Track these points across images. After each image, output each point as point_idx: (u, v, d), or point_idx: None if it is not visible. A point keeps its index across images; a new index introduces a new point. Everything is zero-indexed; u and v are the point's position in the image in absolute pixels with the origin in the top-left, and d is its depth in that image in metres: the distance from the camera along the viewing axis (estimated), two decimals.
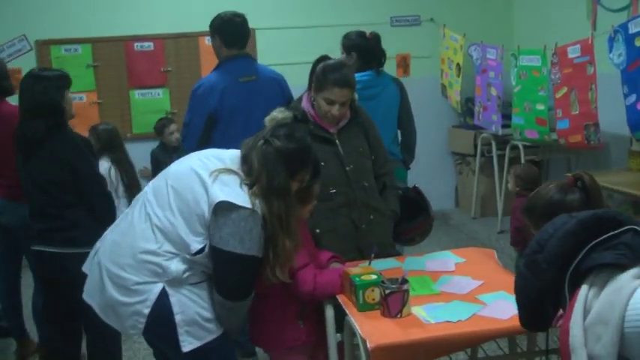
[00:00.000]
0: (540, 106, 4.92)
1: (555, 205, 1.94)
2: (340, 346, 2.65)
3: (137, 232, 2.38)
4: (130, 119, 6.13)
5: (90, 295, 2.47)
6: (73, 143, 3.21)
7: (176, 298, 2.35)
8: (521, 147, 5.41)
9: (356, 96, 3.14)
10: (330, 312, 2.53)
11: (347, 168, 2.99)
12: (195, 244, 2.31)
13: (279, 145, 2.37)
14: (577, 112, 4.56)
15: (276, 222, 2.32)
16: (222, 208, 2.27)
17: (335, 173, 2.98)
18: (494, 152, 5.87)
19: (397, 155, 4.13)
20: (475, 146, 6.22)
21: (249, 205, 2.28)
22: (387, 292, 2.33)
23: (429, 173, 6.53)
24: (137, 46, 6.10)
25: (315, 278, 2.57)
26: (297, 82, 3.82)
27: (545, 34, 5.36)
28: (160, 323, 2.35)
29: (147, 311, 2.33)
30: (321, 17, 6.27)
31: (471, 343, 2.22)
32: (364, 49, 4.04)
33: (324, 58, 3.02)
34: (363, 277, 2.45)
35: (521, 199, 4.36)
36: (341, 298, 2.52)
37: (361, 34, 4.11)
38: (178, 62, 6.12)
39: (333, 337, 2.55)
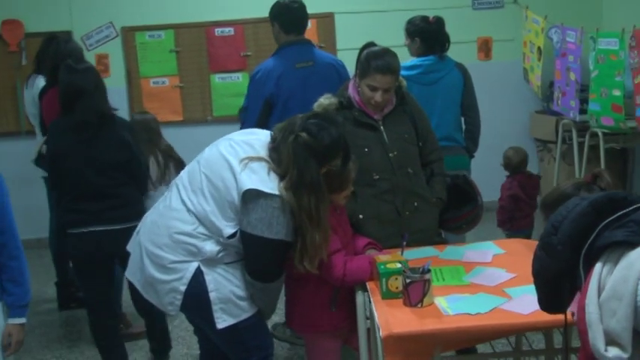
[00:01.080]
0: (617, 92, 4.70)
1: (567, 200, 1.90)
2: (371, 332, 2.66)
3: (174, 214, 2.49)
4: (210, 103, 6.29)
5: (132, 273, 2.61)
6: (128, 125, 3.42)
7: (211, 277, 2.45)
8: (600, 134, 5.18)
9: (404, 82, 3.13)
10: (360, 298, 2.56)
11: (390, 154, 2.99)
12: (228, 228, 2.41)
13: (309, 140, 2.39)
14: None
15: (305, 216, 2.38)
16: (251, 195, 2.35)
17: (379, 159, 2.99)
18: (575, 139, 5.64)
19: (460, 142, 4.07)
20: (557, 133, 6.01)
21: (277, 192, 2.35)
22: (408, 281, 2.33)
23: None
24: (218, 31, 6.24)
25: (346, 264, 2.60)
26: None
27: (629, 15, 5.10)
28: (196, 300, 2.46)
29: (183, 288, 2.45)
30: (403, 1, 6.17)
31: (487, 336, 2.18)
32: (427, 33, 4.01)
33: (369, 45, 3.02)
34: (388, 265, 2.46)
35: (509, 180, 4.59)
36: (369, 285, 2.54)
37: (424, 18, 4.07)
38: (258, 47, 6.22)
39: (363, 323, 2.57)
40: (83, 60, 3.81)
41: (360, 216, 2.98)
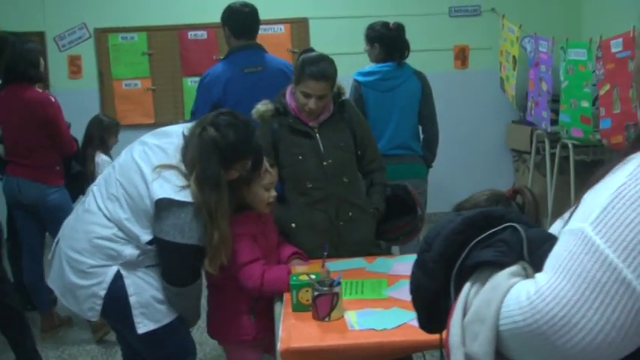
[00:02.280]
0: (585, 104, 4.61)
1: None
2: None
3: (92, 218, 2.47)
4: (182, 106, 6.25)
5: (52, 281, 2.57)
6: None
7: (131, 280, 2.44)
8: (570, 146, 5.10)
9: (344, 89, 3.06)
10: (278, 309, 2.49)
11: (325, 163, 2.93)
12: (145, 235, 2.41)
13: (215, 135, 2.37)
14: (618, 110, 4.24)
15: (204, 211, 2.34)
16: (164, 204, 2.34)
17: (312, 168, 2.93)
18: (547, 150, 5.56)
19: (417, 151, 4.03)
20: (531, 143, 5.93)
21: (188, 199, 2.33)
22: (316, 294, 2.27)
23: (486, 170, 6.35)
24: (191, 34, 6.22)
25: (264, 274, 2.56)
26: (349, 72, 3.91)
27: (597, 25, 5.02)
28: (116, 305, 2.45)
29: (103, 293, 2.43)
30: (378, 7, 6.10)
31: (389, 354, 2.09)
32: (387, 39, 3.95)
33: (307, 50, 2.97)
34: (301, 277, 2.40)
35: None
36: (286, 297, 2.48)
37: (385, 24, 4.02)
38: None
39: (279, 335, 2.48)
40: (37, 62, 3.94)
41: (293, 224, 2.93)
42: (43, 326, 4.19)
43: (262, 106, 2.96)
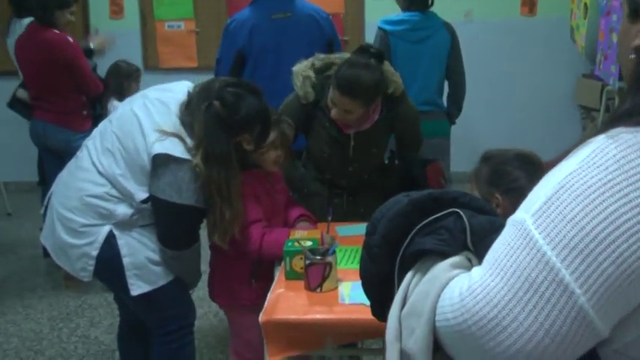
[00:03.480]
0: None
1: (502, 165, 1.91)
2: None
3: (84, 175, 2.48)
4: None
5: (45, 237, 2.60)
6: None
7: (124, 241, 2.44)
8: None
9: (399, 87, 2.88)
10: (277, 274, 2.46)
11: (350, 168, 2.94)
12: (140, 193, 2.41)
13: (222, 111, 2.35)
14: None
15: (214, 190, 2.34)
16: (161, 159, 2.33)
17: (335, 166, 2.96)
18: None
19: (442, 107, 3.99)
20: (600, 100, 5.64)
21: (187, 157, 2.32)
22: (307, 262, 2.24)
23: (552, 127, 6.12)
24: None
25: (263, 237, 2.55)
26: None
27: None
28: (109, 266, 2.46)
29: (95, 253, 2.44)
30: None
31: (375, 333, 2.03)
32: None
33: (362, 49, 2.78)
34: (297, 243, 2.37)
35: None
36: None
37: None
38: None
39: None
40: None
41: (305, 190, 2.99)
42: (67, 274, 4.30)
43: (304, 85, 2.83)
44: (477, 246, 1.15)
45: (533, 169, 1.88)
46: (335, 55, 2.93)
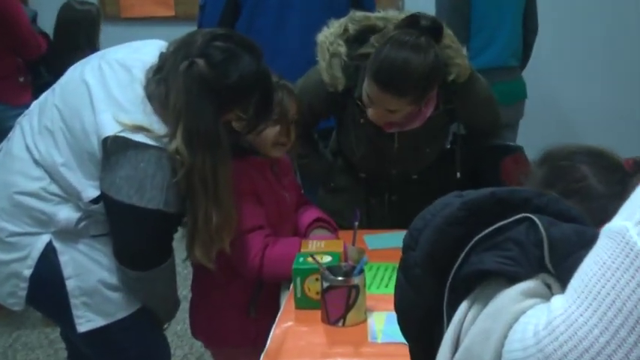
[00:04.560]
0: None
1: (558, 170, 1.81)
2: None
3: (15, 165, 2.46)
4: None
5: None
6: None
7: (68, 256, 2.41)
8: None
9: (465, 71, 2.84)
10: (284, 302, 2.48)
11: (393, 171, 2.99)
12: (90, 189, 2.37)
13: (208, 72, 2.31)
14: None
15: (198, 184, 2.33)
16: (117, 144, 2.29)
17: (372, 167, 3.02)
18: None
19: (520, 61, 4.24)
20: None
21: (153, 142, 2.29)
22: (326, 285, 2.24)
23: None
24: None
25: (265, 249, 2.55)
26: None
27: None
28: (47, 291, 2.44)
29: (28, 273, 2.42)
30: None
31: None
32: None
33: (412, 21, 2.69)
34: (311, 259, 2.37)
35: None
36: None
37: None
38: None
39: None
40: None
41: (332, 184, 3.08)
42: None
43: (331, 67, 2.80)
44: (558, 266, 1.15)
45: (607, 166, 1.87)
46: (378, 14, 2.88)
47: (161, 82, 2.36)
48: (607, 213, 1.13)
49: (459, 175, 2.98)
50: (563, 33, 5.74)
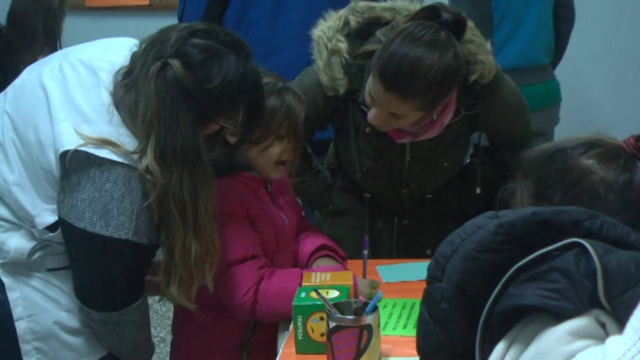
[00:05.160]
0: None
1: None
2: None
3: None
4: None
5: None
6: None
7: (19, 294, 2.42)
8: None
9: (490, 70, 2.87)
10: (282, 345, 2.48)
11: (405, 190, 3.01)
12: (45, 215, 2.37)
13: (183, 75, 2.28)
14: None
15: (174, 209, 2.31)
16: (77, 160, 2.29)
17: (379, 187, 3.04)
18: None
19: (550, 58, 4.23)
20: None
21: (120, 159, 2.28)
22: (332, 325, 2.22)
23: None
24: None
25: (260, 284, 2.56)
26: None
27: None
28: None
29: None
30: None
31: None
32: None
33: (431, 12, 2.69)
34: (314, 294, 2.37)
35: None
36: (292, 326, 2.46)
37: None
38: None
39: None
40: None
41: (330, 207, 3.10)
42: None
43: (329, 66, 2.82)
44: (614, 301, 1.15)
45: (605, 152, 1.81)
46: (384, 4, 2.88)
47: (130, 88, 2.34)
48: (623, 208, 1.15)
49: (478, 190, 2.96)
50: (602, 25, 5.79)
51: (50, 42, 4.48)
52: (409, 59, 2.53)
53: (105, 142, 2.26)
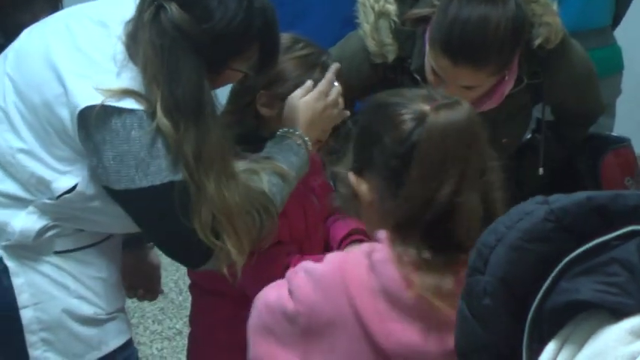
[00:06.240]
0: None
1: None
2: None
3: None
4: None
5: None
6: None
7: (25, 279, 2.36)
8: None
9: (555, 34, 2.78)
10: None
11: None
12: (63, 178, 2.28)
13: (181, 17, 2.18)
14: None
15: (183, 166, 2.22)
16: (95, 116, 2.18)
17: None
18: None
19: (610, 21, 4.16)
20: None
21: (139, 106, 2.20)
22: None
23: None
24: None
25: (286, 271, 2.43)
26: None
27: None
28: None
29: None
30: None
31: None
32: None
33: None
34: None
35: None
36: None
37: None
38: None
39: None
40: None
41: None
42: None
43: (377, 31, 2.73)
44: None
45: None
46: None
47: (134, 38, 2.27)
48: None
49: (541, 171, 2.90)
50: None
51: (51, 1, 4.41)
52: (473, 22, 2.43)
53: (125, 93, 2.20)
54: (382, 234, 1.86)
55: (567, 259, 1.20)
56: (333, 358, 1.88)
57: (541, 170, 2.89)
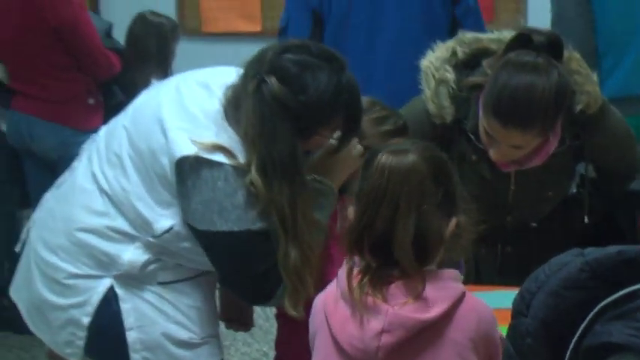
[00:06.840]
0: None
1: None
2: None
3: (79, 198, 2.52)
4: None
5: (16, 290, 2.68)
6: None
7: (131, 305, 2.47)
8: None
9: (595, 101, 2.83)
10: None
11: (508, 218, 2.96)
12: (162, 220, 2.42)
13: (280, 91, 2.30)
14: None
15: (277, 219, 2.33)
16: (189, 165, 2.34)
17: (485, 215, 2.90)
18: None
19: None
20: None
21: (227, 160, 2.33)
22: None
23: None
24: None
25: None
26: None
27: None
28: (105, 341, 2.51)
29: (87, 321, 2.47)
30: None
31: None
32: None
33: (523, 39, 2.67)
34: None
35: None
36: None
37: None
38: None
39: None
40: None
41: None
42: (51, 350, 4.34)
43: (437, 96, 2.80)
44: None
45: None
46: (490, 36, 2.87)
47: (236, 106, 2.39)
48: None
49: (586, 220, 2.93)
50: None
51: (162, 64, 4.54)
52: (521, 89, 2.52)
53: (217, 148, 2.32)
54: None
55: (602, 304, 1.19)
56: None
57: (586, 219, 2.91)
